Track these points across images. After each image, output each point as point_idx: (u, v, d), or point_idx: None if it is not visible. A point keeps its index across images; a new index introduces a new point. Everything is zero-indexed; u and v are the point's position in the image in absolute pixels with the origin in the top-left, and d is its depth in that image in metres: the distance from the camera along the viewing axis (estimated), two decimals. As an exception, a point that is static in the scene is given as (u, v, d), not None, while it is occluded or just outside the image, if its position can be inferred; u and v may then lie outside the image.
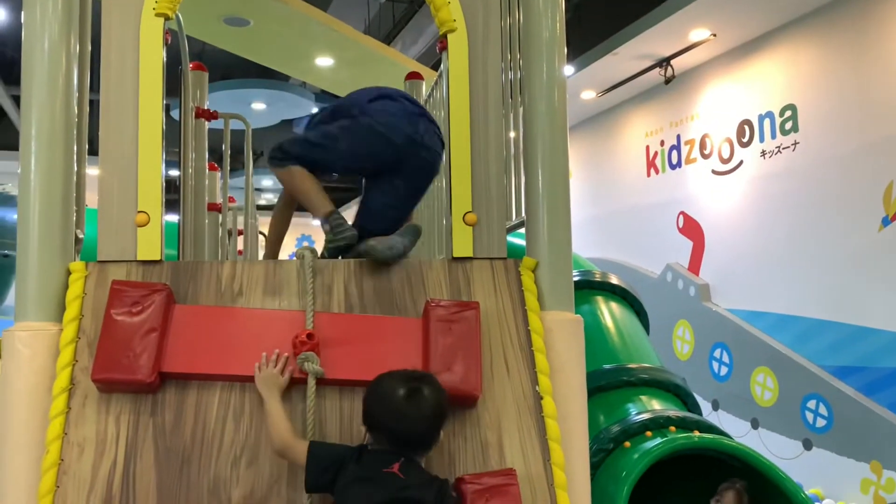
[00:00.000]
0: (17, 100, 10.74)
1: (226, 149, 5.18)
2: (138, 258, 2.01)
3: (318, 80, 7.36)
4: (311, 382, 1.88)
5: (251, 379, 1.90)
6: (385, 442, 1.74)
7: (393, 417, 1.73)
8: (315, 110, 10.66)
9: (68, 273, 1.97)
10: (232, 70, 9.82)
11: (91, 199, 2.60)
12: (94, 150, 2.53)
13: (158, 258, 2.02)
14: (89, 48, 2.33)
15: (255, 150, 5.81)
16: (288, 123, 11.88)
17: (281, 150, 2.41)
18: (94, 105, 2.49)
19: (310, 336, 1.92)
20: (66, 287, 1.96)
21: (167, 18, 2.09)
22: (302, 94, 9.92)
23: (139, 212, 2.02)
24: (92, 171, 2.20)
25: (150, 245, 2.01)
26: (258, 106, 9.90)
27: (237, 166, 9.59)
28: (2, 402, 1.84)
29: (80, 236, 2.17)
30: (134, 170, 2.03)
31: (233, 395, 1.90)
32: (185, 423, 1.85)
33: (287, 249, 2.98)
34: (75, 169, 2.06)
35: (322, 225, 2.31)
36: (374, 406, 1.76)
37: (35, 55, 2.00)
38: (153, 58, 2.07)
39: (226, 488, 1.79)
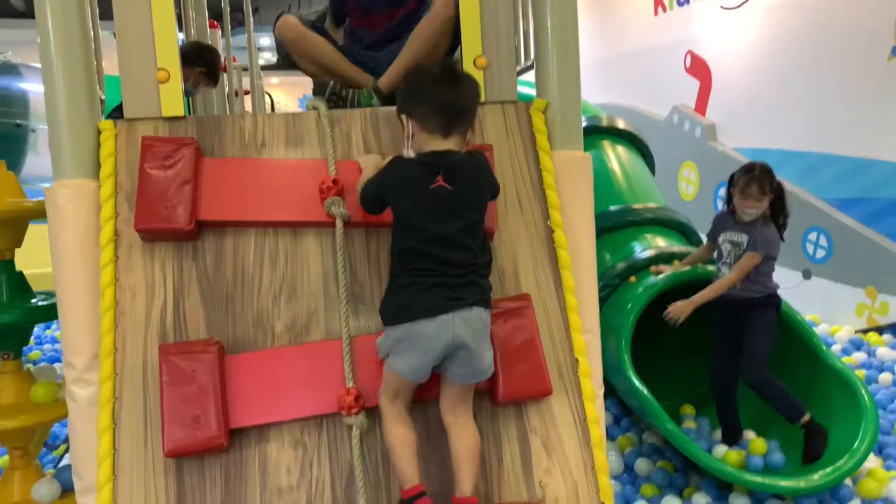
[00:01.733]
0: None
1: (225, 6, 5.09)
2: (163, 115, 2.09)
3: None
4: (339, 224, 2.01)
5: (284, 224, 2.04)
6: (428, 114, 1.81)
7: (435, 86, 1.81)
8: None
9: (98, 132, 2.06)
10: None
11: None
12: (104, 14, 2.55)
13: (182, 114, 2.09)
14: None
15: (253, 6, 5.68)
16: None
17: None
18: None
19: (335, 181, 2.04)
20: (98, 145, 2.05)
21: None
22: (294, -56, 9.48)
23: (159, 69, 2.07)
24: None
25: (173, 101, 2.08)
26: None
27: (235, 24, 9.35)
28: (55, 255, 1.99)
29: (103, 98, 2.24)
30: (149, 28, 2.06)
31: (267, 240, 2.04)
32: (225, 266, 2.01)
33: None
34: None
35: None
36: (415, 83, 1.86)
37: (40, -88, 1.98)
38: (157, -90, 2.04)
39: (269, 321, 1.97)
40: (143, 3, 2.06)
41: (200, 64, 3.73)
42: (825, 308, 5.74)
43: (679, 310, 3.44)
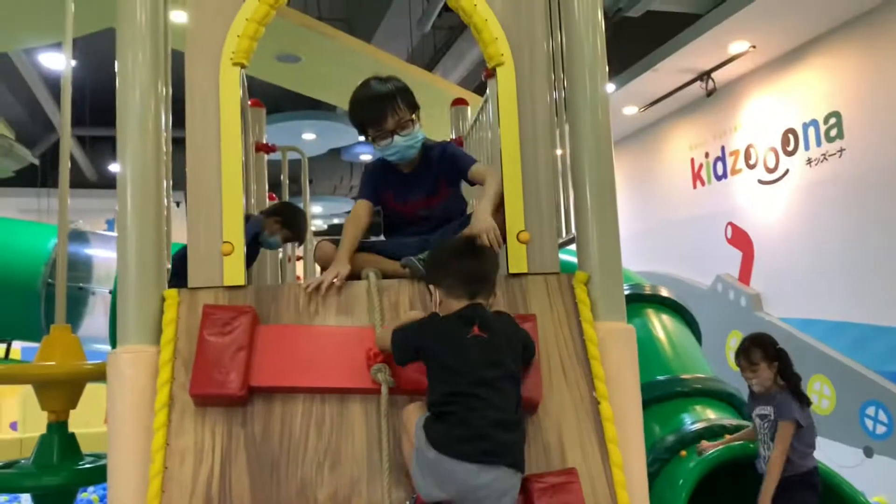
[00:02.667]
0: (79, 139, 11.29)
1: (284, 178, 5.44)
2: (224, 284, 2.21)
3: (365, 109, 7.61)
4: (385, 391, 2.05)
5: (331, 391, 2.08)
6: (453, 285, 1.97)
7: (458, 259, 2.01)
8: (362, 138, 10.96)
9: (162, 300, 2.18)
10: (279, 102, 10.20)
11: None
12: (175, 186, 2.77)
13: (243, 283, 2.21)
14: (170, 91, 2.57)
15: (308, 177, 6.06)
16: (335, 151, 12.22)
17: None
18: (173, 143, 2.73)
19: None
20: (161, 312, 2.16)
21: (243, 67, 2.31)
22: (349, 123, 10.19)
23: (224, 242, 2.22)
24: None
25: (234, 271, 2.21)
26: (308, 136, 10.23)
27: (291, 195, 9.90)
28: (111, 418, 2.05)
29: (169, 266, 2.39)
30: (218, 204, 2.24)
31: (314, 406, 2.08)
32: (272, 432, 2.03)
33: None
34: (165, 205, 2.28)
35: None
36: (440, 257, 2.06)
37: (128, 101, 2.22)
38: (232, 102, 2.28)
39: (312, 490, 1.96)
40: (214, 181, 2.25)
41: (282, 221, 3.94)
42: (891, 488, 5.41)
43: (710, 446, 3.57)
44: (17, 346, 6.78)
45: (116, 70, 2.26)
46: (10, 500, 6.45)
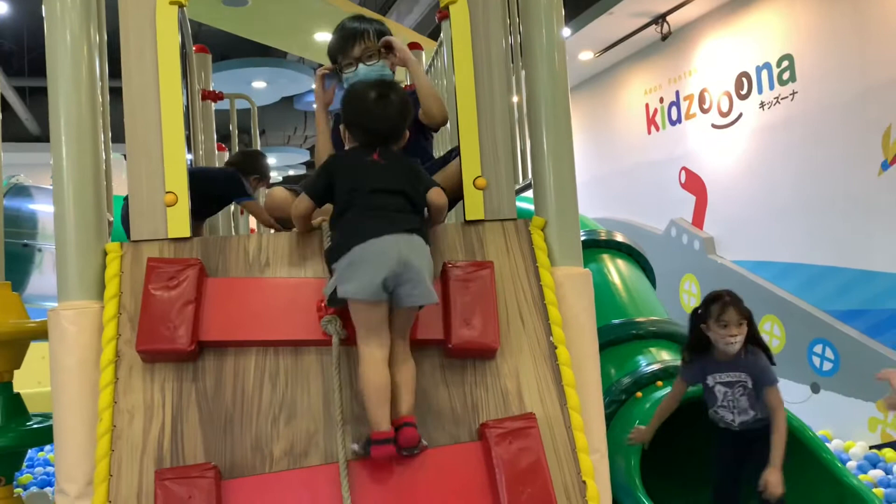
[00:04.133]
0: (19, 91, 10.80)
1: (233, 128, 5.29)
2: (169, 236, 2.13)
3: (316, 55, 7.41)
4: (336, 342, 2.00)
5: (283, 343, 2.03)
6: (361, 136, 2.12)
7: (366, 116, 2.10)
8: (314, 86, 10.72)
9: (104, 254, 2.09)
10: (228, 50, 9.86)
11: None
12: (115, 138, 2.65)
13: (188, 235, 2.13)
14: (105, 38, 2.43)
15: (259, 128, 5.90)
16: (288, 100, 11.93)
17: None
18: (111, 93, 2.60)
19: (332, 300, 2.04)
20: (104, 267, 2.08)
21: (181, 6, 2.19)
22: (301, 70, 9.97)
23: (167, 192, 2.13)
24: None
25: (179, 223, 2.12)
26: (259, 84, 9.96)
27: (242, 146, 9.68)
28: (54, 377, 1.97)
29: (110, 219, 2.29)
30: (159, 153, 2.14)
31: (267, 360, 2.03)
32: (224, 387, 1.98)
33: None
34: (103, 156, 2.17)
35: None
36: (349, 106, 2.16)
37: (58, 48, 2.09)
38: (170, 44, 2.16)
39: (268, 444, 1.93)
40: (153, 128, 2.15)
41: (255, 173, 4.05)
42: (836, 423, 5.62)
43: (641, 435, 3.41)
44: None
45: (44, 14, 2.12)
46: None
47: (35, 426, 2.83)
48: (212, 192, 3.64)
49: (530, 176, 2.41)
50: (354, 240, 1.91)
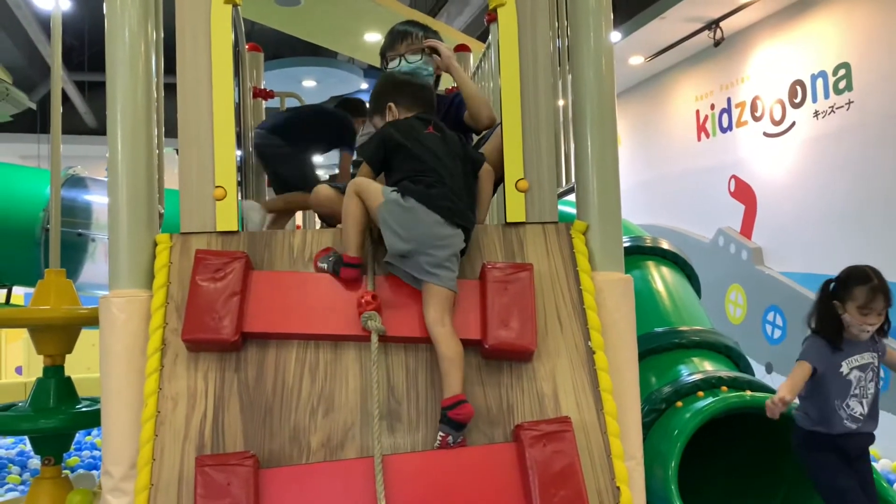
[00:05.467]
0: (78, 85, 11.15)
1: (282, 126, 5.35)
2: (217, 229, 2.18)
3: (366, 55, 7.47)
4: (375, 338, 2.03)
5: (324, 337, 2.07)
6: (408, 102, 2.31)
7: (408, 83, 2.36)
8: (364, 85, 10.82)
9: (155, 245, 2.16)
10: (280, 49, 10.02)
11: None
12: (167, 132, 2.72)
13: (236, 229, 2.19)
14: (162, 35, 2.50)
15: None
16: (336, 99, 12.07)
17: None
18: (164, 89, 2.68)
19: (373, 297, 2.08)
20: (154, 257, 2.14)
21: (236, 5, 2.24)
22: (350, 70, 10.08)
23: (217, 186, 2.18)
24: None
25: (227, 217, 2.18)
26: (308, 83, 10.09)
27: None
28: (103, 362, 2.04)
29: (162, 212, 2.36)
30: (210, 148, 2.20)
31: (308, 352, 2.07)
32: (266, 378, 2.03)
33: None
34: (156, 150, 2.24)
35: None
36: (393, 81, 2.41)
37: (117, 44, 2.16)
38: (224, 42, 2.22)
39: (305, 436, 1.97)
40: (205, 124, 2.20)
41: (361, 116, 3.87)
42: (885, 442, 5.45)
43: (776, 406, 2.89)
44: (20, 292, 6.80)
45: (105, 11, 2.19)
46: (17, 442, 6.55)
47: (84, 409, 2.92)
48: (323, 137, 3.48)
49: (573, 179, 2.41)
50: (421, 201, 2.07)
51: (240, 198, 2.65)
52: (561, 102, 2.83)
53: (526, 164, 2.30)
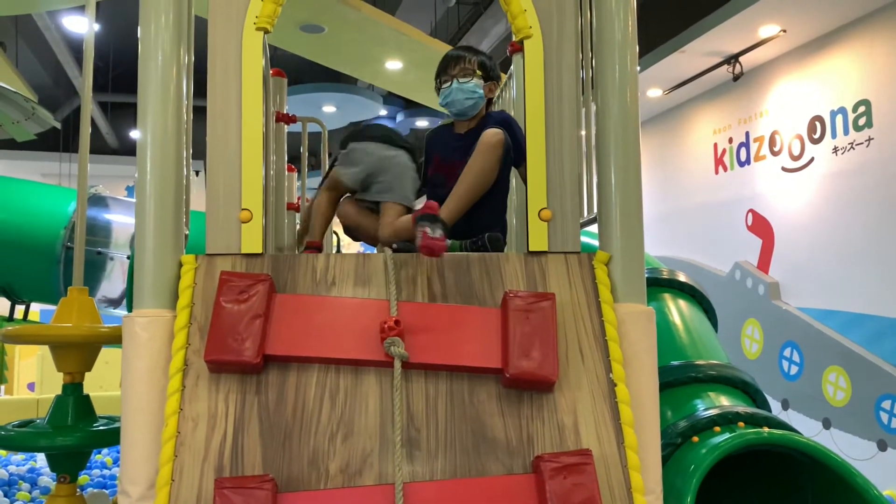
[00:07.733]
0: (101, 106, 11.32)
1: (304, 150, 5.42)
2: (242, 251, 2.20)
3: (386, 82, 7.57)
4: (397, 365, 2.03)
5: (345, 362, 2.07)
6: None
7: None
8: (383, 112, 10.93)
9: (180, 265, 2.18)
10: (301, 74, 10.16)
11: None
12: (193, 155, 2.76)
13: (260, 251, 2.20)
14: (192, 58, 2.55)
15: (329, 150, 6.04)
16: (355, 125, 12.19)
17: None
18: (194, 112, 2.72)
19: (396, 322, 2.08)
20: (178, 278, 2.16)
21: (266, 32, 2.28)
22: (370, 97, 10.20)
23: (243, 209, 2.20)
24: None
25: (252, 239, 2.19)
26: (328, 109, 10.21)
27: (310, 168, 9.92)
28: (125, 381, 2.05)
29: (187, 233, 2.38)
30: (238, 171, 2.22)
31: (329, 377, 2.07)
32: (286, 401, 2.03)
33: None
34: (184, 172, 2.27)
35: None
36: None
37: (150, 66, 2.20)
38: (254, 67, 2.25)
39: (324, 460, 1.96)
40: (234, 147, 2.23)
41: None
42: (904, 481, 5.37)
43: None
44: (36, 309, 6.85)
45: (139, 35, 2.23)
46: (27, 460, 6.55)
47: (102, 428, 2.93)
48: None
49: (595, 210, 2.41)
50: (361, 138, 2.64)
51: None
52: (583, 132, 2.85)
53: (549, 193, 2.31)
